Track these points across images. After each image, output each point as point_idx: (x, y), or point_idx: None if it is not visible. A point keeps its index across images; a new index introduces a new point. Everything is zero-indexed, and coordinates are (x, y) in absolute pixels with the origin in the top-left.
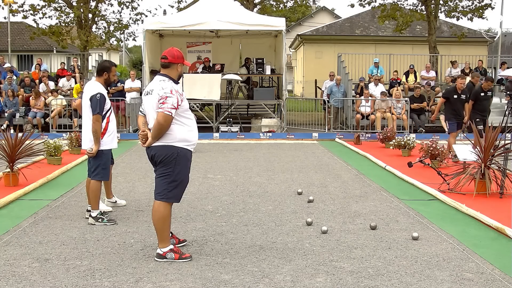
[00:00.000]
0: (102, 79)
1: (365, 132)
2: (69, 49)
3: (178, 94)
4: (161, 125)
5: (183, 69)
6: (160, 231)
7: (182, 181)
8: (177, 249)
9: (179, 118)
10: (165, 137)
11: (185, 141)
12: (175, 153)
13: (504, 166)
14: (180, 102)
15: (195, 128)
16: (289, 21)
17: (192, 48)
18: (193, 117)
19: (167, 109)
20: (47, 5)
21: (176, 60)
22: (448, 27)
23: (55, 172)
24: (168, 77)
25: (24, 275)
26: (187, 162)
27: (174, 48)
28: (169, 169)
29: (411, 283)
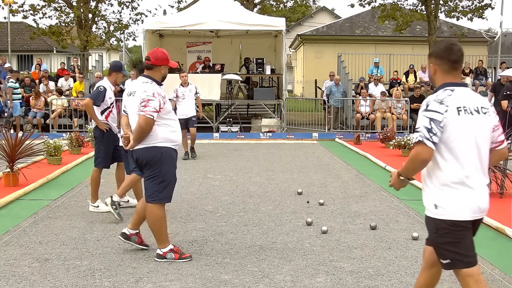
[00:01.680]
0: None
1: (365, 132)
2: (69, 49)
3: (160, 97)
4: (142, 129)
5: (167, 71)
6: (157, 232)
7: (170, 181)
8: (177, 249)
9: (162, 120)
10: (148, 138)
11: (168, 141)
12: (159, 153)
13: (504, 166)
14: (163, 104)
15: (179, 129)
16: (289, 21)
17: (192, 48)
18: (176, 119)
19: (149, 113)
20: (47, 5)
21: (160, 62)
22: (448, 27)
23: (55, 172)
24: (151, 78)
25: (24, 275)
26: (173, 161)
27: (159, 49)
28: (156, 170)
29: (411, 283)
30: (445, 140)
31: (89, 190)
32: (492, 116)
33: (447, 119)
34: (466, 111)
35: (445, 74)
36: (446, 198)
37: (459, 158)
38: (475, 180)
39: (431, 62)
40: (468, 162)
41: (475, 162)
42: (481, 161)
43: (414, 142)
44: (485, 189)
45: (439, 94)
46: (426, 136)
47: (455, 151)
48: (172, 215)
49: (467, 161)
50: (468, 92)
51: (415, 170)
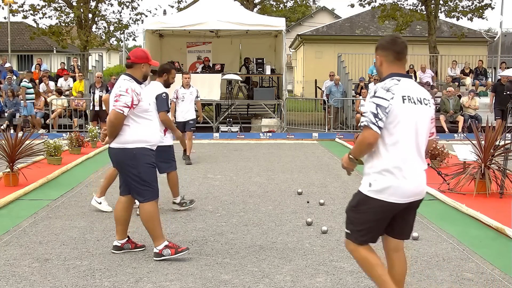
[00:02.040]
0: (162, 79)
1: None
2: (69, 49)
3: (134, 93)
4: (111, 123)
5: (149, 69)
6: (151, 230)
7: (152, 179)
8: (172, 244)
9: (136, 118)
10: (120, 138)
11: (140, 141)
12: (132, 154)
13: (504, 166)
14: (137, 101)
15: (155, 129)
16: (289, 21)
17: (192, 48)
18: (154, 118)
19: (119, 107)
20: (47, 5)
21: (140, 60)
22: (448, 27)
23: (55, 172)
24: (131, 76)
25: (24, 275)
26: (149, 159)
27: (139, 49)
28: (134, 170)
29: (411, 283)
30: (388, 125)
31: (89, 190)
32: (432, 108)
33: (392, 106)
34: (410, 100)
35: (390, 64)
36: (382, 179)
37: (399, 143)
38: (412, 165)
39: (377, 55)
40: (406, 148)
41: (413, 148)
42: (419, 148)
43: (361, 126)
44: (421, 174)
45: (387, 83)
46: (373, 121)
47: (396, 136)
48: (172, 215)
49: (406, 147)
50: (412, 83)
51: (362, 152)
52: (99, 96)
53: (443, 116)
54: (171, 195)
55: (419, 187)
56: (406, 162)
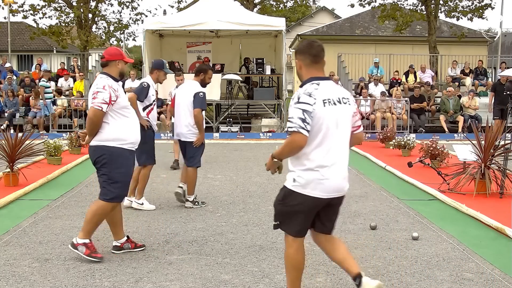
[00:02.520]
0: (199, 79)
1: (365, 132)
2: (69, 49)
3: (111, 89)
4: (91, 120)
5: (124, 66)
6: (88, 223)
7: (121, 181)
8: (91, 245)
9: (115, 115)
10: (98, 136)
11: (118, 140)
12: (108, 153)
13: (504, 166)
14: (115, 98)
15: (134, 127)
16: (289, 21)
17: (192, 48)
18: (133, 116)
19: (97, 104)
20: (47, 5)
21: (113, 57)
22: (448, 27)
23: (55, 172)
24: (107, 74)
25: (24, 275)
26: (125, 161)
27: (113, 47)
28: (105, 169)
29: (411, 283)
30: (312, 128)
31: (89, 190)
32: (352, 105)
33: (315, 110)
34: (330, 102)
35: (309, 67)
36: (305, 177)
37: (322, 143)
38: (333, 163)
39: (296, 59)
40: (329, 147)
41: (336, 147)
42: (342, 146)
43: (289, 131)
44: (343, 171)
45: (308, 88)
46: (302, 126)
47: (319, 137)
48: (172, 215)
49: (328, 146)
50: (331, 85)
51: (290, 154)
52: None
53: (443, 116)
54: (172, 191)
55: (341, 183)
56: (328, 160)
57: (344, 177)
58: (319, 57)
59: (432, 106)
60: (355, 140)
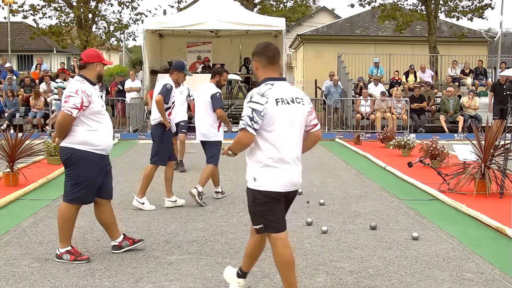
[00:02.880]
0: (215, 80)
1: (365, 132)
2: (69, 49)
3: (84, 95)
4: (59, 123)
5: (103, 69)
6: (60, 230)
7: (86, 185)
8: (74, 251)
9: (86, 120)
10: (68, 138)
11: (87, 144)
12: (75, 155)
13: (504, 166)
14: (87, 103)
15: (106, 132)
16: (289, 21)
17: (192, 48)
18: (106, 122)
19: (67, 108)
20: (47, 5)
21: (92, 59)
22: (448, 27)
23: (55, 172)
24: (84, 77)
25: (24, 275)
26: (92, 166)
27: (91, 49)
28: (71, 171)
29: (411, 283)
30: (265, 126)
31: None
32: (306, 104)
33: (267, 109)
34: (283, 102)
35: (265, 69)
36: (263, 173)
37: (276, 140)
38: (288, 159)
39: (253, 60)
40: (283, 144)
41: (289, 144)
42: (295, 143)
43: (239, 128)
44: (297, 167)
45: (261, 88)
46: (249, 124)
47: (273, 134)
48: (172, 215)
49: (282, 144)
50: (285, 85)
51: (239, 150)
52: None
53: (443, 116)
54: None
55: (295, 178)
56: (283, 156)
57: (298, 172)
58: (275, 58)
59: (432, 106)
60: (314, 138)
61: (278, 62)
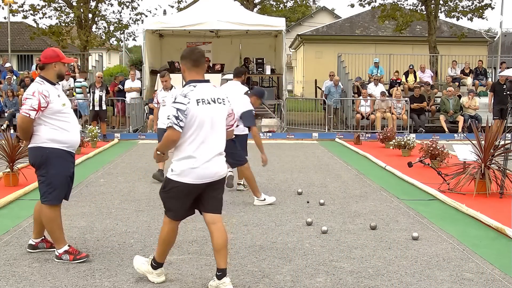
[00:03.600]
0: (241, 79)
1: (365, 132)
2: (69, 49)
3: (41, 96)
4: (19, 126)
5: (63, 68)
6: (51, 233)
7: (59, 183)
8: (72, 250)
9: (49, 120)
10: (34, 138)
11: (55, 141)
12: (44, 154)
13: (504, 166)
14: (45, 104)
15: (72, 130)
16: (289, 21)
17: None
18: (71, 120)
19: (25, 111)
20: (47, 5)
21: (50, 60)
22: (448, 27)
23: None
24: (44, 78)
25: (24, 275)
26: (64, 162)
27: (50, 48)
28: (43, 171)
29: (411, 283)
30: (187, 123)
31: (89, 190)
32: (227, 105)
33: (189, 109)
34: (204, 102)
35: (190, 71)
36: (180, 166)
37: (197, 137)
38: (207, 154)
39: (181, 64)
40: (203, 140)
41: (210, 140)
42: (215, 138)
43: (166, 127)
44: (215, 159)
45: (185, 90)
46: (175, 122)
47: (193, 131)
48: None
49: (202, 139)
50: (207, 87)
51: (168, 147)
52: (99, 96)
53: (443, 116)
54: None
55: (213, 170)
56: (200, 151)
57: (218, 164)
58: (199, 62)
59: (432, 106)
60: (227, 135)
61: (202, 65)
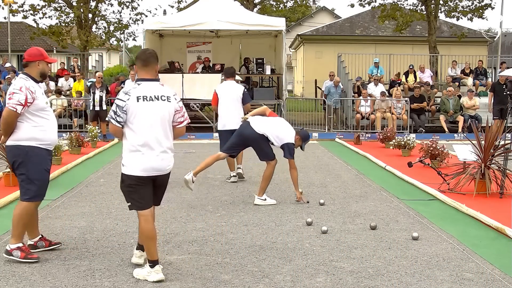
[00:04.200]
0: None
1: (365, 132)
2: (69, 49)
3: (28, 91)
4: (4, 120)
5: (46, 67)
6: (15, 226)
7: (39, 180)
8: (25, 248)
9: (31, 116)
10: (14, 135)
11: (34, 139)
12: (23, 152)
13: (504, 166)
14: (31, 100)
15: (52, 128)
16: (289, 21)
17: (192, 48)
18: (51, 118)
19: (12, 105)
20: (47, 5)
21: (33, 58)
22: (448, 27)
23: (55, 172)
24: (28, 75)
25: (24, 275)
26: (42, 160)
27: (34, 47)
28: (23, 169)
29: (411, 283)
30: (129, 119)
31: (89, 190)
32: (172, 102)
33: (128, 105)
34: (145, 99)
35: (140, 70)
36: (129, 159)
37: (139, 132)
38: (150, 148)
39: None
40: (145, 134)
41: (152, 135)
42: (159, 134)
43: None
44: (160, 154)
45: (128, 87)
46: (113, 117)
47: (135, 127)
48: (172, 215)
49: (144, 134)
50: (152, 85)
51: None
52: (99, 96)
53: (443, 116)
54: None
55: (158, 164)
56: (145, 145)
57: (162, 158)
58: (148, 61)
59: (432, 106)
60: (177, 132)
61: (151, 64)
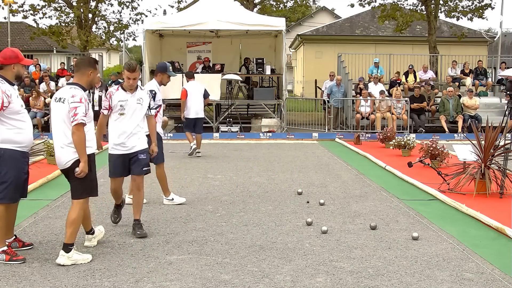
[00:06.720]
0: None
1: (365, 132)
2: (69, 49)
3: (4, 95)
4: None
5: (21, 69)
6: None
7: (11, 182)
8: (9, 251)
9: (6, 120)
10: None
11: (10, 142)
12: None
13: (504, 166)
14: (7, 103)
15: (27, 131)
16: (289, 21)
17: (192, 48)
18: (26, 120)
19: None
20: (47, 5)
21: (9, 61)
22: (448, 27)
23: (55, 172)
24: (3, 78)
25: (24, 275)
26: (16, 163)
27: (9, 49)
28: None
29: (411, 283)
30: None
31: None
32: (66, 104)
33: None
34: (56, 100)
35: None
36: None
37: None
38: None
39: None
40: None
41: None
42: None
43: None
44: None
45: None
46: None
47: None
48: (172, 215)
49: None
50: (65, 88)
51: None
52: (99, 96)
53: (443, 116)
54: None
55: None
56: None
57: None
58: (77, 67)
59: (432, 106)
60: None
61: (80, 70)
